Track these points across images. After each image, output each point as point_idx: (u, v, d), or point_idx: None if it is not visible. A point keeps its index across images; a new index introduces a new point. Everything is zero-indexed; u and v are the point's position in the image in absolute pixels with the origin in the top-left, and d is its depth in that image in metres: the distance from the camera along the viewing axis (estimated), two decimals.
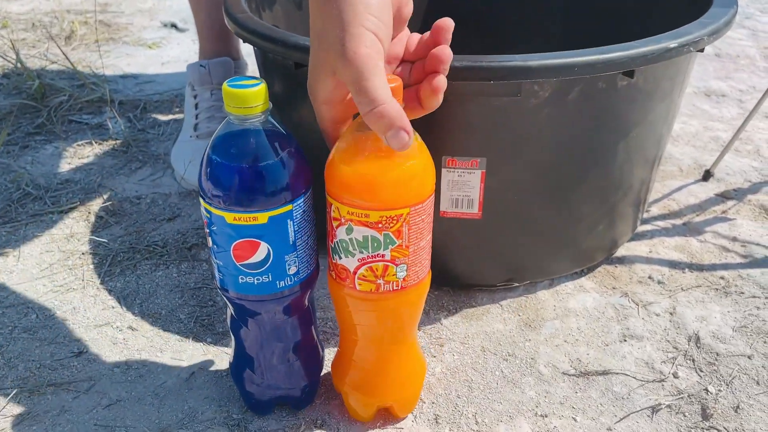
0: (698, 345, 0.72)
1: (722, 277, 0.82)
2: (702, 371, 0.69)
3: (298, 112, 0.76)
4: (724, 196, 0.98)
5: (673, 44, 0.64)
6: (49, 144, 1.15)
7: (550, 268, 0.81)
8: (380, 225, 0.52)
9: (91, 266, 0.85)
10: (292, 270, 0.56)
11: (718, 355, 0.71)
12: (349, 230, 0.53)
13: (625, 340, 0.73)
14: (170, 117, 1.26)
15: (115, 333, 0.75)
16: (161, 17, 1.83)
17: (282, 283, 0.56)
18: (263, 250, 0.54)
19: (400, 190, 0.52)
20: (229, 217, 0.52)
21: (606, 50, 0.62)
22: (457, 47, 0.55)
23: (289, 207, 0.53)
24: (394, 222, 0.52)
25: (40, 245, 0.89)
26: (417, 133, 0.54)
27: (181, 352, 0.72)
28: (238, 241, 0.53)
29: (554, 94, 0.64)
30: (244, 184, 0.51)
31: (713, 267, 0.84)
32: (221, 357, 0.71)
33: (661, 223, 0.93)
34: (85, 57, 1.53)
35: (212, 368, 0.70)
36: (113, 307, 0.78)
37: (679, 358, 0.70)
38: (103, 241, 0.89)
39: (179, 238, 0.90)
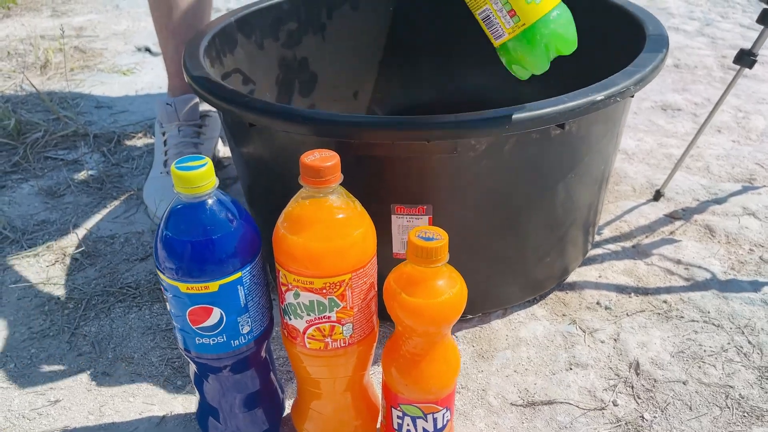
0: (638, 372, 0.77)
1: (665, 301, 0.87)
2: (640, 398, 0.74)
3: (255, 165, 0.80)
4: (672, 217, 1.03)
5: (599, 97, 0.68)
6: (25, 183, 1.19)
7: (502, 299, 0.86)
8: (324, 291, 0.56)
9: (66, 311, 0.89)
10: (246, 329, 0.60)
11: (655, 381, 0.75)
12: (296, 295, 0.57)
13: (571, 369, 0.78)
14: (144, 148, 1.29)
15: (89, 380, 0.79)
16: (135, 40, 1.86)
17: (236, 342, 0.60)
18: (216, 314, 0.58)
19: (341, 258, 0.56)
20: (183, 286, 0.56)
21: (535, 107, 0.66)
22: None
23: (238, 275, 0.57)
24: (338, 287, 0.57)
25: (17, 291, 0.93)
26: (357, 201, 0.59)
27: (153, 396, 0.76)
28: (192, 308, 0.57)
29: (491, 147, 0.68)
30: (194, 257, 0.55)
31: (657, 291, 0.89)
32: (190, 400, 0.76)
33: (611, 246, 0.98)
34: (60, 87, 1.56)
35: (182, 412, 0.74)
36: (88, 353, 0.82)
37: (619, 386, 0.75)
38: (78, 286, 0.93)
39: (151, 279, 0.94)
